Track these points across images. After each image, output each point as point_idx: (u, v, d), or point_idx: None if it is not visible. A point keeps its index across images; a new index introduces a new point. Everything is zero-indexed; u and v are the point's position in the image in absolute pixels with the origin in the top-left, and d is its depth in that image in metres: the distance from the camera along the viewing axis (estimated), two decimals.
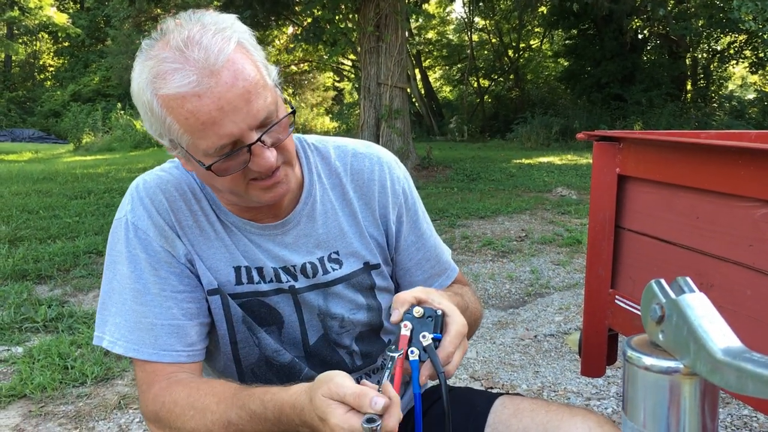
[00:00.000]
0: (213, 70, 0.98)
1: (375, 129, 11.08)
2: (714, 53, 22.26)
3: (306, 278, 1.25)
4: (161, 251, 1.16)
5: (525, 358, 3.52)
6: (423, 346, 0.98)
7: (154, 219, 1.17)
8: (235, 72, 1.00)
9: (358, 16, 11.10)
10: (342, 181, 1.30)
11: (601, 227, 1.61)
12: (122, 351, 1.15)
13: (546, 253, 5.84)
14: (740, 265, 1.24)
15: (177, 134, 1.04)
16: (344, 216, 1.29)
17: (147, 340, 1.14)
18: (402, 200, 1.33)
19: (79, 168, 13.19)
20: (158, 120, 1.04)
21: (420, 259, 1.36)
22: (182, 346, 1.16)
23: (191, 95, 0.98)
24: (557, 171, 11.71)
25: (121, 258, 1.17)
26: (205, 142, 1.02)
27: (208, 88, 0.98)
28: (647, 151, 1.47)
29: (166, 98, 1.00)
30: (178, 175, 1.22)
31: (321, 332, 1.28)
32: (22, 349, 3.56)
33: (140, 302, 1.15)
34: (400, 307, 1.01)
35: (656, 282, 0.58)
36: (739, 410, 2.83)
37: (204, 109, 0.99)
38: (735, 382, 0.49)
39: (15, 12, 30.71)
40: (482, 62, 25.81)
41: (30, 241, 5.99)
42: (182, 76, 0.98)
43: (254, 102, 1.02)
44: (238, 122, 1.01)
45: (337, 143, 1.34)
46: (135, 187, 1.21)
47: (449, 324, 1.01)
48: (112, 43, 28.83)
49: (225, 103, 0.99)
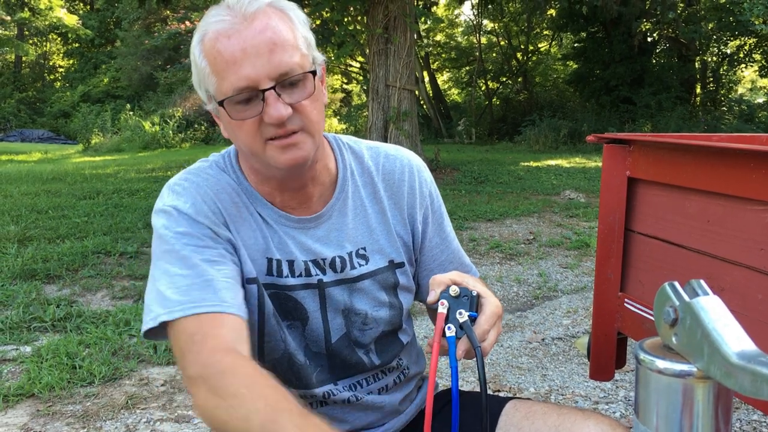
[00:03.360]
0: (246, 16, 1.07)
1: (383, 131, 11.07)
2: (723, 56, 22.17)
3: (334, 272, 1.27)
4: (206, 227, 1.16)
5: (533, 361, 3.50)
6: (460, 322, 1.01)
7: (199, 205, 1.17)
8: (267, 24, 1.08)
9: (367, 18, 11.10)
10: (374, 180, 1.33)
11: (611, 230, 1.60)
12: (180, 314, 1.07)
13: (554, 256, 5.83)
14: (751, 269, 1.23)
15: (208, 78, 1.11)
16: (374, 213, 1.32)
17: (206, 296, 1.08)
18: (428, 202, 1.38)
19: (88, 168, 13.25)
20: (197, 67, 1.13)
21: (443, 260, 1.40)
22: (239, 302, 1.12)
23: (223, 36, 1.07)
24: (565, 174, 11.68)
25: (160, 241, 1.16)
26: (226, 82, 1.08)
27: (237, 30, 1.07)
28: (658, 153, 1.46)
29: (204, 41, 1.11)
30: (215, 174, 1.24)
31: (343, 331, 1.29)
32: (31, 349, 3.57)
33: (189, 266, 1.11)
34: (437, 287, 1.05)
35: (670, 284, 0.58)
36: (748, 415, 2.81)
37: (230, 48, 1.07)
38: (750, 386, 0.48)
39: (25, 13, 30.89)
40: (491, 65, 25.78)
41: (39, 241, 6.01)
42: (219, 20, 1.09)
43: (278, 53, 1.07)
44: (257, 67, 1.06)
45: (369, 144, 1.39)
46: (174, 183, 1.22)
47: (484, 304, 1.06)
48: (122, 44, 29.01)
49: (249, 46, 1.06)
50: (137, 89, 29.02)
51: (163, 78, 25.91)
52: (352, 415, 1.34)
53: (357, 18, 12.27)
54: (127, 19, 17.11)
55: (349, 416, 1.34)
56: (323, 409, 1.32)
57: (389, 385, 1.37)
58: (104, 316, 4.07)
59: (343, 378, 1.32)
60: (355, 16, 12.20)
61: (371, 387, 1.34)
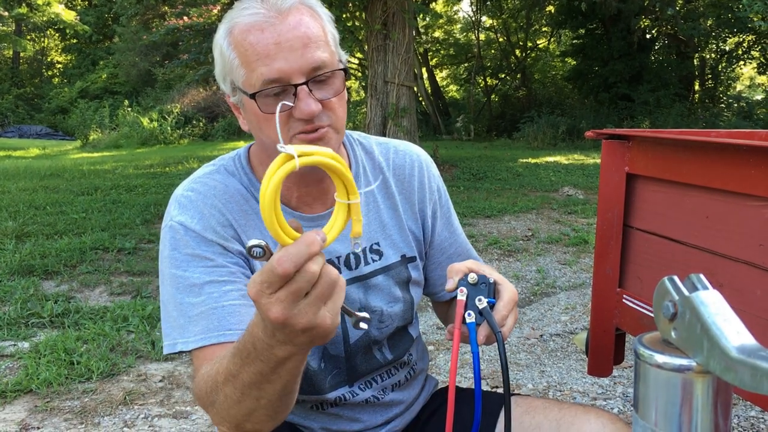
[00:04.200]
0: (281, 11, 1.08)
1: (381, 127, 11.05)
2: (722, 53, 22.16)
3: (348, 270, 1.27)
4: (214, 244, 1.16)
5: (531, 357, 3.51)
6: (479, 309, 1.04)
7: (206, 220, 1.17)
8: (300, 19, 1.09)
9: (366, 14, 11.08)
10: (385, 175, 1.35)
11: (610, 226, 1.60)
12: (193, 345, 1.11)
13: (552, 252, 5.83)
14: (750, 265, 1.23)
15: (236, 70, 1.11)
16: (386, 208, 1.33)
17: (211, 325, 1.11)
18: (437, 197, 1.41)
19: (86, 164, 13.23)
20: (224, 58, 1.13)
21: (452, 253, 1.42)
22: (245, 326, 1.13)
23: (256, 28, 1.08)
24: (564, 170, 11.68)
25: (169, 263, 1.16)
26: (256, 74, 1.08)
27: (272, 24, 1.07)
28: (657, 149, 1.46)
29: (234, 33, 1.10)
30: (223, 179, 1.23)
31: (362, 330, 1.28)
32: (29, 345, 3.57)
33: (197, 294, 1.13)
34: (455, 275, 1.07)
35: (669, 279, 0.57)
36: (746, 411, 2.82)
37: (263, 41, 1.07)
38: (750, 380, 0.48)
39: (23, 9, 30.78)
40: (489, 61, 25.74)
41: (37, 237, 6.00)
42: (253, 13, 1.09)
43: (311, 49, 1.08)
44: (291, 61, 1.07)
45: (378, 140, 1.40)
46: (181, 195, 1.21)
47: (501, 291, 1.08)
48: (120, 40, 28.89)
49: (283, 40, 1.07)
50: (135, 85, 28.98)
51: (162, 74, 25.87)
52: (366, 414, 1.34)
53: (356, 14, 12.25)
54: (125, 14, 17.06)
55: (362, 416, 1.33)
56: (335, 409, 1.31)
57: (401, 381, 1.38)
58: (102, 312, 4.06)
59: (358, 379, 1.31)
60: (353, 12, 12.18)
61: (385, 383, 1.35)
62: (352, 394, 1.31)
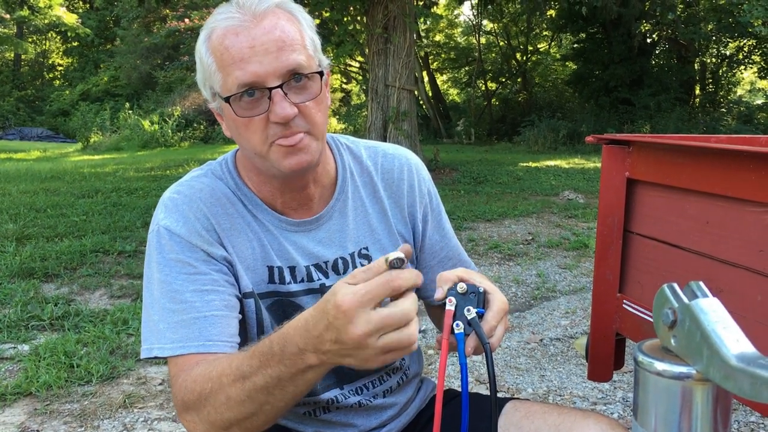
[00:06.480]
0: (255, 15, 1.09)
1: (382, 131, 11.06)
2: (723, 58, 22.18)
3: (337, 275, 1.27)
4: (198, 250, 1.16)
5: (531, 361, 3.50)
6: (468, 319, 1.02)
7: (191, 224, 1.17)
8: (276, 23, 1.09)
9: (367, 17, 11.09)
10: (373, 179, 1.34)
11: (610, 231, 1.60)
12: (170, 352, 1.12)
13: (552, 256, 5.83)
14: (750, 271, 1.23)
15: (213, 75, 1.12)
16: (374, 213, 1.33)
17: (192, 334, 1.11)
18: (428, 200, 1.39)
19: (87, 167, 13.23)
20: (203, 64, 1.13)
21: (443, 257, 1.42)
22: (226, 337, 1.13)
23: (231, 32, 1.08)
24: (564, 174, 11.68)
25: (156, 267, 1.16)
26: (231, 78, 1.08)
27: (246, 28, 1.08)
28: (657, 154, 1.46)
29: (212, 38, 1.11)
30: (210, 183, 1.23)
31: None
32: (29, 347, 3.57)
33: (179, 301, 1.13)
34: (444, 284, 1.05)
35: (669, 286, 0.57)
36: (746, 417, 2.81)
37: (237, 45, 1.07)
38: (749, 389, 0.48)
39: (25, 11, 30.85)
40: (490, 65, 25.78)
41: (37, 240, 6.00)
42: (228, 17, 1.10)
43: (286, 52, 1.08)
44: (265, 64, 1.07)
45: (367, 144, 1.40)
46: (168, 198, 1.21)
47: (491, 301, 1.06)
48: (121, 43, 28.97)
49: (258, 44, 1.07)
50: (136, 88, 28.99)
51: (163, 77, 25.89)
52: (359, 419, 1.33)
53: (357, 17, 12.25)
54: (127, 17, 17.10)
55: (355, 420, 1.33)
56: (328, 415, 1.31)
57: (393, 387, 1.37)
58: (102, 314, 4.06)
59: (349, 383, 1.31)
60: (354, 16, 12.18)
61: (377, 390, 1.34)
62: (344, 396, 1.30)
